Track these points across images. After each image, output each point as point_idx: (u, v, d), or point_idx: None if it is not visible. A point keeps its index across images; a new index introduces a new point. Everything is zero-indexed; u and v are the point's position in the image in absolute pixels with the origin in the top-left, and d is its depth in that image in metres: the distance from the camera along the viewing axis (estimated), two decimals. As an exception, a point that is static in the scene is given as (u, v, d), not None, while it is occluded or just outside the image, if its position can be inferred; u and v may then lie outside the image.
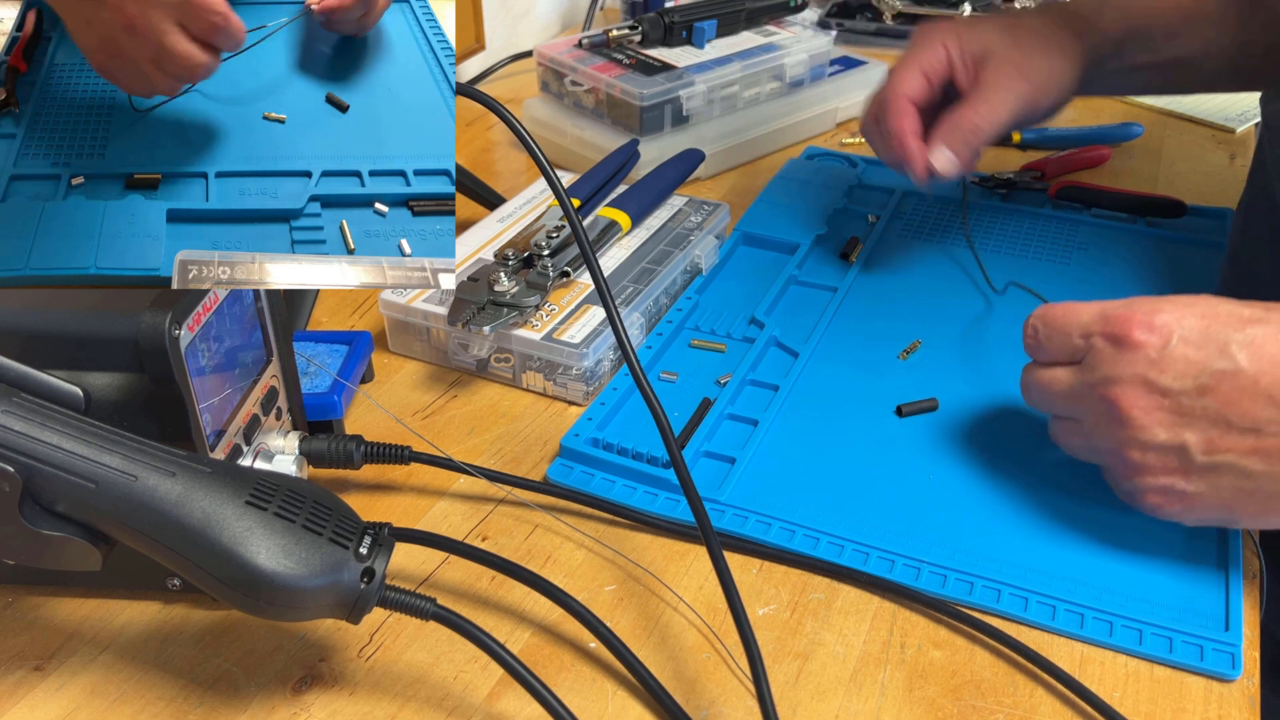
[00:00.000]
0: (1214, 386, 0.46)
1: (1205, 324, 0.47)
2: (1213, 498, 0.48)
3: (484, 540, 0.55)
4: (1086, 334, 0.50)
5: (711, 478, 0.57)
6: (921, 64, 0.65)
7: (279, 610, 0.39)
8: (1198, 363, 0.47)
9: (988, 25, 0.66)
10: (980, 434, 0.61)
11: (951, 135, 0.64)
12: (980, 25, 0.66)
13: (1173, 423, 0.47)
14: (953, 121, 0.64)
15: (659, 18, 0.96)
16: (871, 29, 1.22)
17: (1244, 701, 0.46)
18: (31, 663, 0.48)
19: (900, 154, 0.64)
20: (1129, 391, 0.48)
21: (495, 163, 0.98)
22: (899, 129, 0.64)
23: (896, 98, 0.65)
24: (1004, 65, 0.64)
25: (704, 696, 0.47)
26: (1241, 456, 0.47)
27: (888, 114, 0.65)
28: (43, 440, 0.37)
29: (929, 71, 0.65)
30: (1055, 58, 0.66)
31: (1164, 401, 0.47)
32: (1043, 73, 0.65)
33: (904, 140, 0.64)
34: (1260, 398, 0.46)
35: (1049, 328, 0.52)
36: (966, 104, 0.64)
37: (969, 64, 0.65)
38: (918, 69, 0.65)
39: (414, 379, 0.67)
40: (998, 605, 0.50)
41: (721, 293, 0.74)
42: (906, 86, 0.65)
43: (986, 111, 0.64)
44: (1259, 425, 0.46)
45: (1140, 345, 0.48)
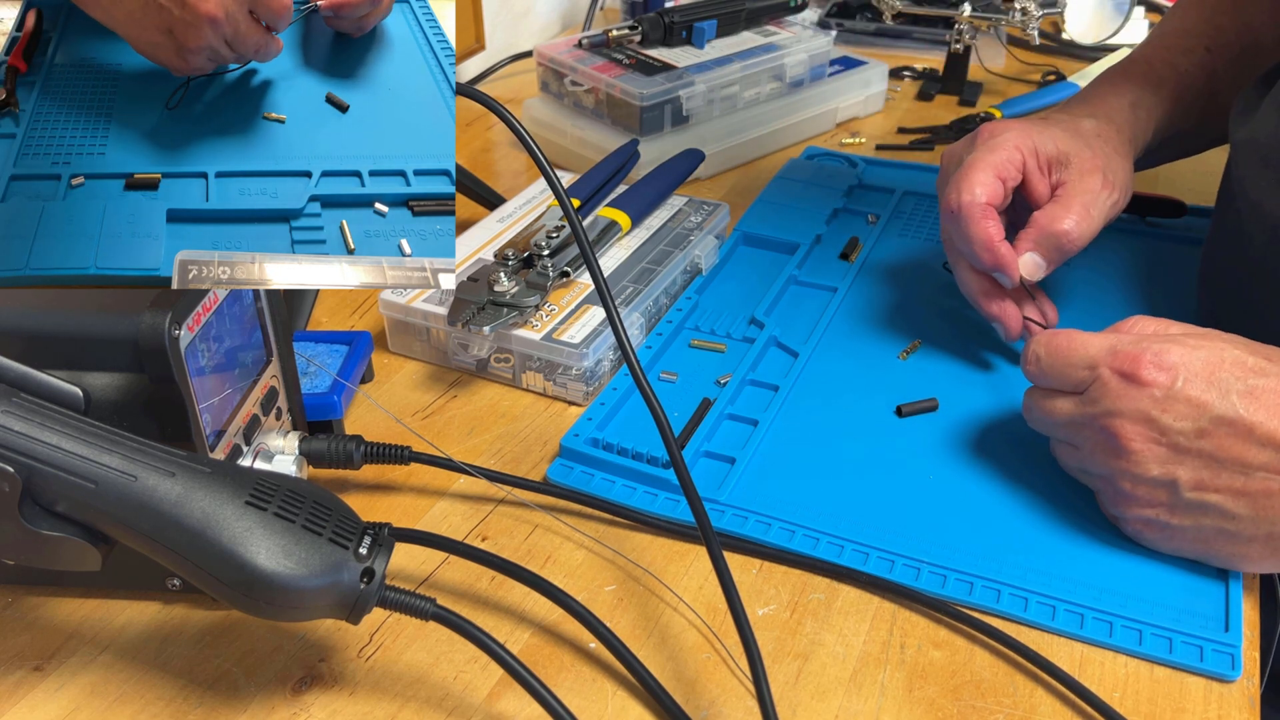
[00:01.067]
0: (1211, 430, 0.48)
1: (1211, 370, 0.49)
2: (1193, 534, 0.50)
3: (484, 540, 0.55)
4: (1092, 366, 0.51)
5: (711, 478, 0.57)
6: (997, 168, 0.62)
7: (279, 610, 0.39)
8: (1200, 405, 0.48)
9: (1055, 129, 0.65)
10: (980, 434, 0.61)
11: (1045, 244, 0.62)
12: (1048, 129, 0.64)
13: (1167, 459, 0.49)
14: (1045, 229, 0.62)
15: (659, 18, 0.96)
16: (871, 29, 1.22)
17: (1244, 702, 0.46)
18: (31, 663, 0.48)
19: (992, 261, 0.62)
20: (1130, 426, 0.49)
21: (495, 163, 0.98)
22: (986, 237, 0.61)
23: (976, 203, 0.61)
24: (1090, 172, 0.63)
25: (704, 696, 0.47)
26: (1227, 498, 0.48)
27: (971, 221, 0.62)
28: (43, 440, 0.37)
29: (1004, 176, 0.63)
30: (1125, 160, 0.66)
31: (1162, 439, 0.49)
32: (1121, 176, 0.64)
33: (994, 248, 0.61)
34: (1254, 444, 0.48)
35: (1051, 357, 0.53)
36: (1059, 210, 0.62)
37: (1045, 168, 0.64)
38: (993, 173, 0.62)
39: (414, 379, 0.67)
40: (998, 605, 0.50)
41: (721, 293, 0.74)
42: (987, 192, 0.62)
43: (1082, 220, 0.62)
44: (1248, 470, 0.48)
45: (1149, 384, 0.49)
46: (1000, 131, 0.64)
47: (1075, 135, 0.65)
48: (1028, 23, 1.04)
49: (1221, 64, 0.73)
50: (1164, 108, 0.71)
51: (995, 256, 0.61)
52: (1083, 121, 0.66)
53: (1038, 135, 0.63)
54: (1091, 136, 0.65)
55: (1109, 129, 0.66)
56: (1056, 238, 0.61)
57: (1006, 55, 1.21)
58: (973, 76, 1.13)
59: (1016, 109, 1.06)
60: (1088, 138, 0.65)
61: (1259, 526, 0.48)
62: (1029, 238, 0.62)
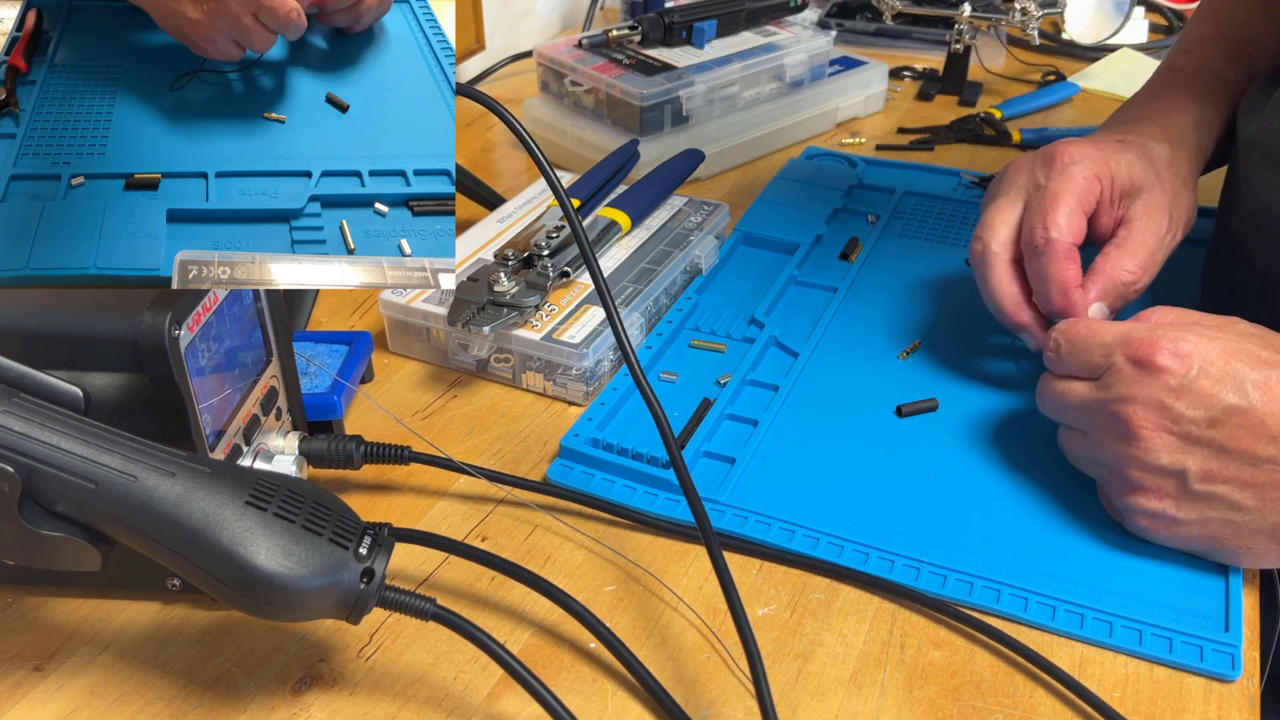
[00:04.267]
0: (1223, 420, 0.48)
1: (1226, 360, 0.49)
2: (1200, 528, 0.50)
3: (484, 540, 0.55)
4: (1108, 353, 0.51)
5: (711, 478, 0.57)
6: (1082, 201, 0.59)
7: (279, 610, 0.39)
8: (1213, 396, 0.48)
9: (1130, 155, 0.61)
10: (980, 434, 0.61)
11: (1111, 294, 0.59)
12: (1124, 155, 0.61)
13: (1177, 447, 0.49)
14: (1113, 279, 0.59)
15: (659, 18, 0.96)
16: (871, 29, 1.22)
17: (1244, 702, 0.46)
18: (31, 663, 0.48)
19: (1063, 306, 0.58)
20: (1142, 412, 0.49)
21: (495, 163, 0.98)
22: (1065, 281, 0.58)
23: (1063, 242, 0.58)
24: (1158, 211, 0.60)
25: (704, 697, 0.47)
26: (1235, 489, 0.48)
27: (1053, 261, 0.58)
28: (43, 440, 0.37)
29: (1088, 209, 0.60)
30: (1190, 192, 0.64)
31: (1173, 427, 0.49)
32: (1184, 212, 0.62)
33: (1070, 295, 0.58)
34: (1264, 436, 0.48)
35: (1071, 343, 0.53)
36: (1126, 260, 0.59)
37: (1115, 200, 0.61)
38: (1079, 206, 0.59)
39: (414, 379, 0.67)
40: (998, 605, 0.50)
41: (721, 293, 0.74)
42: (1072, 229, 0.58)
43: (1148, 269, 0.60)
44: (1257, 462, 0.48)
45: (1163, 371, 0.49)
46: (1080, 158, 0.61)
47: (1149, 165, 0.62)
48: (1028, 23, 1.04)
49: (1263, 69, 0.70)
50: (1220, 124, 0.69)
51: (1069, 302, 0.58)
52: (1156, 148, 0.63)
53: (1114, 163, 0.61)
54: (1164, 167, 0.63)
55: (1180, 156, 0.64)
56: (1124, 289, 0.60)
57: (1006, 55, 1.21)
58: (973, 76, 1.13)
59: (1016, 109, 1.06)
60: (1160, 168, 0.62)
61: (1265, 518, 0.48)
62: (1096, 285, 0.59)
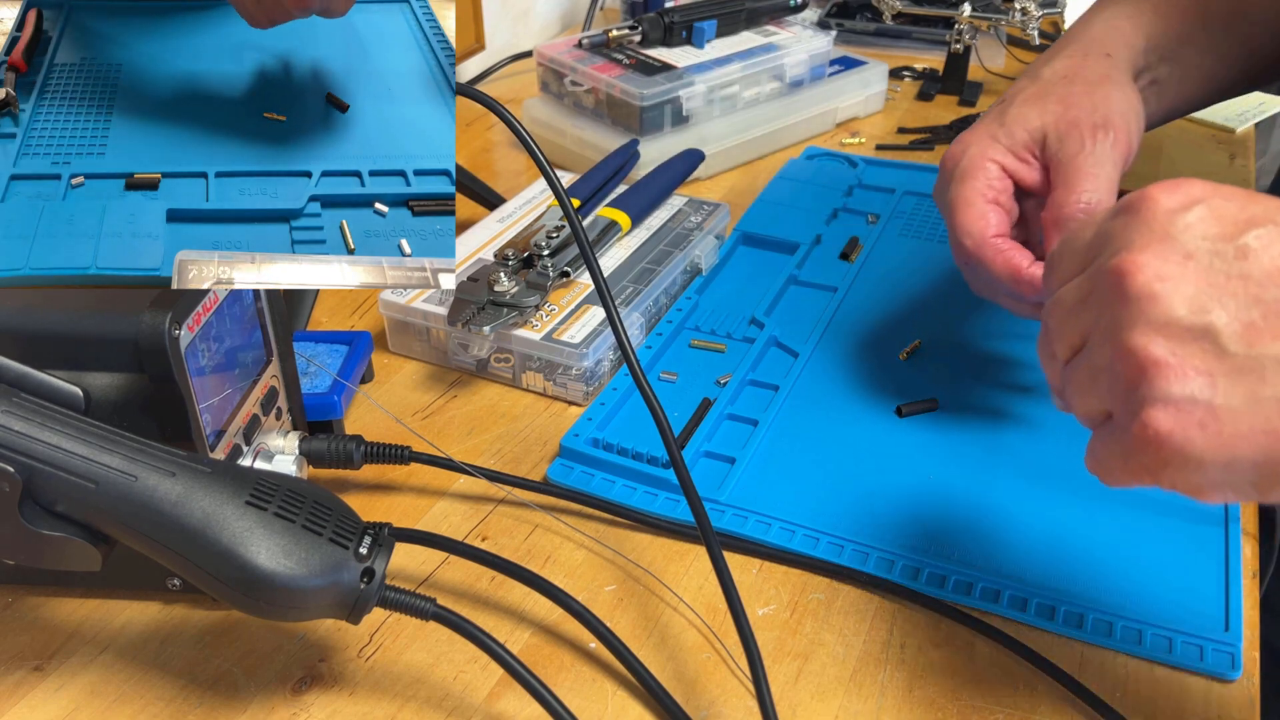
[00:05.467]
0: (1258, 250, 0.33)
1: (1246, 193, 0.36)
2: (1250, 418, 0.33)
3: (484, 540, 0.55)
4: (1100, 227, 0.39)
5: (711, 478, 0.57)
6: (982, 194, 0.55)
7: (279, 610, 0.39)
8: (1234, 213, 0.34)
9: (1013, 110, 0.56)
10: (980, 434, 0.61)
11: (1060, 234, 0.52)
12: (1006, 115, 0.56)
13: (1197, 293, 0.34)
14: (1068, 217, 0.53)
15: (659, 18, 0.96)
16: (871, 29, 1.22)
17: (1244, 701, 0.46)
18: (31, 663, 0.48)
19: (1032, 290, 0.53)
20: (1139, 256, 0.35)
21: (495, 163, 0.98)
22: (1012, 270, 0.53)
23: (985, 242, 0.54)
24: (1070, 131, 0.54)
25: (704, 696, 0.47)
26: None
27: (987, 263, 0.54)
28: (43, 440, 0.37)
29: (992, 197, 0.55)
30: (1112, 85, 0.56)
31: (1186, 263, 0.34)
32: (1111, 104, 0.55)
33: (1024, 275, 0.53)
34: None
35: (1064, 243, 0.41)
36: (1065, 194, 0.53)
37: (1027, 157, 0.56)
38: (980, 201, 0.55)
39: (414, 379, 0.67)
40: (998, 605, 0.50)
41: (721, 293, 0.74)
42: (981, 227, 0.54)
43: (1092, 187, 0.53)
44: None
45: (1156, 200, 0.36)
46: (959, 155, 0.57)
47: (1038, 100, 0.56)
48: (1028, 23, 1.04)
49: None
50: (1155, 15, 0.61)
51: (1033, 281, 0.53)
52: (1040, 75, 0.58)
53: (999, 132, 0.56)
54: (1056, 84, 0.56)
55: (1074, 62, 0.58)
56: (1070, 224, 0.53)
57: (1006, 55, 1.20)
58: (973, 76, 1.13)
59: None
60: (1052, 92, 0.56)
61: None
62: (1056, 236, 0.53)
